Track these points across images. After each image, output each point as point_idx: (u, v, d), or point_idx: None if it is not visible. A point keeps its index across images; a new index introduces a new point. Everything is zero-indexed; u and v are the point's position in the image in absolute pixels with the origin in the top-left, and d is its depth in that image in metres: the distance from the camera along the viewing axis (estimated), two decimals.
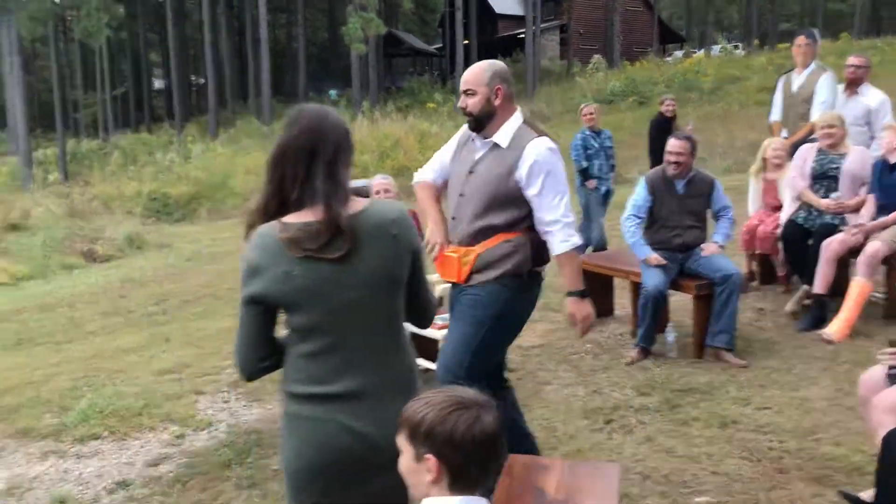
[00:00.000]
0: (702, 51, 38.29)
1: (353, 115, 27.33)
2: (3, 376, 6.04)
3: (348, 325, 1.94)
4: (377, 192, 5.39)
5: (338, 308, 1.91)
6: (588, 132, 8.01)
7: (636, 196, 5.14)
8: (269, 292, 1.89)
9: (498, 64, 3.20)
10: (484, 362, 3.18)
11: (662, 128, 9.37)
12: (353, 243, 1.89)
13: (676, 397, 4.40)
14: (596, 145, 7.97)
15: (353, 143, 2.03)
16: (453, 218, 3.25)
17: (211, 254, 13.51)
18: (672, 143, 5.03)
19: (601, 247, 7.91)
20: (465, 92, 3.16)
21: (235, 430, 4.46)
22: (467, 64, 31.57)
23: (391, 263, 1.97)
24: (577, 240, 3.10)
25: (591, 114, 7.97)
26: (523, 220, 3.13)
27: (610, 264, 5.86)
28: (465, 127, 3.30)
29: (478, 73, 3.14)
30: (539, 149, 3.06)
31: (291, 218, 1.90)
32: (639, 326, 5.10)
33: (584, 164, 7.97)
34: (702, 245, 5.08)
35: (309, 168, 1.91)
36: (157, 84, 54.44)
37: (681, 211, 5.07)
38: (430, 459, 1.56)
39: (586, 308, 3.19)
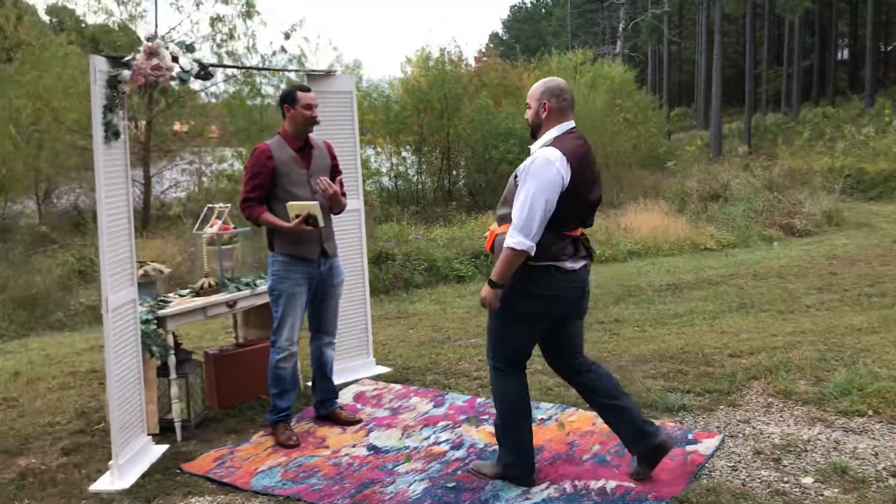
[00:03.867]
0: None
1: None
2: (742, 337, 6.49)
3: None
4: None
5: None
6: None
7: None
8: None
9: (553, 81, 3.56)
10: (508, 349, 3.66)
11: None
12: None
13: None
14: None
15: None
16: None
17: None
18: None
19: None
20: (526, 104, 3.62)
21: None
22: None
23: None
24: (514, 242, 3.31)
25: None
26: None
27: None
28: None
29: (534, 89, 3.57)
30: (536, 157, 3.39)
31: None
32: None
33: None
34: None
35: None
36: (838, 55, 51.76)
37: None
38: None
39: (489, 295, 3.45)
